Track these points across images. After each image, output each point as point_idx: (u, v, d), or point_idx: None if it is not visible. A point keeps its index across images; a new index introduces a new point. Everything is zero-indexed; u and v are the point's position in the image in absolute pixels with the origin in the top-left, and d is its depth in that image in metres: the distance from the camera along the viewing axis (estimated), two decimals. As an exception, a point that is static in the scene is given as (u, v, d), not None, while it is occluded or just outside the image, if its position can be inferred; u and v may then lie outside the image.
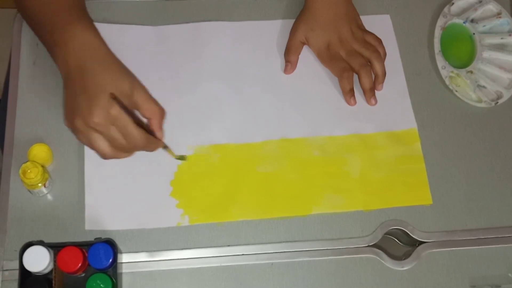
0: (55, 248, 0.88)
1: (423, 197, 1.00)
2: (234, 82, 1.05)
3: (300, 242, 0.96)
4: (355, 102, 1.05)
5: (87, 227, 0.94)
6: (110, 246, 0.88)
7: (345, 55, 1.05)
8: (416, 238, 0.98)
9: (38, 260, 0.86)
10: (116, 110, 0.84)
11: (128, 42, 1.06)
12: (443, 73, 1.09)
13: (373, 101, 1.05)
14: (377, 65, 1.05)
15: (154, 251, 0.95)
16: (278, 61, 1.08)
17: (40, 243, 0.87)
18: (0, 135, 1.15)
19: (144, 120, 0.90)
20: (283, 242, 0.96)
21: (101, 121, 0.83)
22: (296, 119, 1.03)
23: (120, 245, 0.92)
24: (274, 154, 1.00)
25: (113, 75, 0.86)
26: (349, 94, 1.05)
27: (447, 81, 1.08)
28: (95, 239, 0.91)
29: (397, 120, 1.05)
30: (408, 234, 0.99)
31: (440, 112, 1.07)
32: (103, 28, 0.91)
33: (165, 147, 0.95)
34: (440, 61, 1.09)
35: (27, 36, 1.05)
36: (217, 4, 1.11)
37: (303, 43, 1.08)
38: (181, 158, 0.99)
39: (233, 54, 1.07)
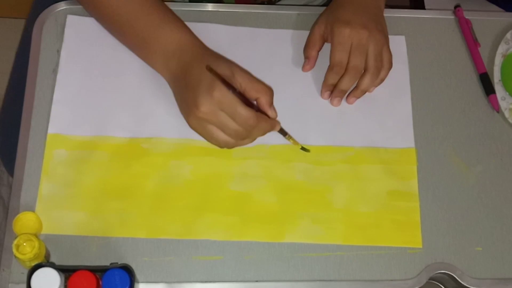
0: (66, 272, 0.83)
1: (413, 239, 0.94)
2: None
3: (337, 281, 0.91)
4: (328, 98, 1.00)
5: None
6: (126, 273, 0.83)
7: (353, 47, 0.97)
8: (465, 284, 0.92)
9: (47, 284, 0.81)
10: (218, 92, 0.85)
11: None
12: (503, 104, 1.02)
13: (335, 102, 1.00)
14: (367, 80, 0.98)
15: (174, 282, 0.90)
16: (264, 70, 1.01)
17: (51, 265, 0.83)
18: (4, 148, 1.15)
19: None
20: (317, 280, 0.91)
21: (207, 108, 0.86)
22: (286, 125, 0.98)
23: (136, 273, 0.88)
24: (252, 173, 0.96)
25: (210, 63, 0.88)
26: (327, 88, 0.99)
27: (506, 114, 1.02)
28: (111, 264, 0.86)
29: (394, 138, 1.00)
30: (456, 279, 0.92)
31: (498, 147, 1.00)
32: None
33: (285, 133, 0.95)
34: (500, 92, 1.03)
35: (47, 41, 1.02)
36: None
37: (323, 38, 1.01)
38: (305, 149, 0.97)
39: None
